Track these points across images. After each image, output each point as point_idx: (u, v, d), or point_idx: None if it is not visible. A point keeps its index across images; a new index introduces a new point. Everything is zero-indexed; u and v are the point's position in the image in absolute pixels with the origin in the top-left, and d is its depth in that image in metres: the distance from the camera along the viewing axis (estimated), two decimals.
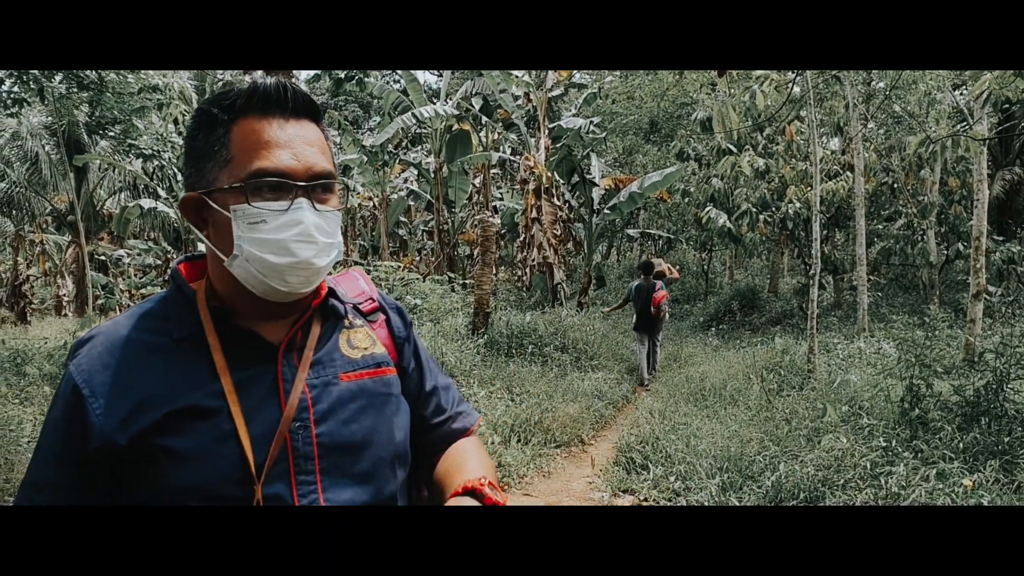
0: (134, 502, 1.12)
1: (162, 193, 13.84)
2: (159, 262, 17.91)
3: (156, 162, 13.72)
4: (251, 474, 1.12)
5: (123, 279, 16.02)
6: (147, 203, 13.04)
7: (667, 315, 11.99)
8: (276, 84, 1.19)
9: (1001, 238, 16.54)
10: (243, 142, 1.15)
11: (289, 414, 1.16)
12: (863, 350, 10.58)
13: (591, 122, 16.12)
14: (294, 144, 1.17)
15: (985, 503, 4.56)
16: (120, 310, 13.87)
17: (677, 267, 21.33)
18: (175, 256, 16.41)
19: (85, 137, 15.62)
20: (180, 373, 1.14)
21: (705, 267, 25.36)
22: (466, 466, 1.36)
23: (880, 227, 17.54)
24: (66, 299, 19.55)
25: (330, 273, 1.33)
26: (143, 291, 15.52)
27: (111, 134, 12.08)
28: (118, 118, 10.90)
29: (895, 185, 16.88)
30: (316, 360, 1.23)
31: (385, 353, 1.34)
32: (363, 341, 1.32)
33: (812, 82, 10.71)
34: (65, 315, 19.10)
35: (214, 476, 1.11)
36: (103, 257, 19.01)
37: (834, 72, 11.91)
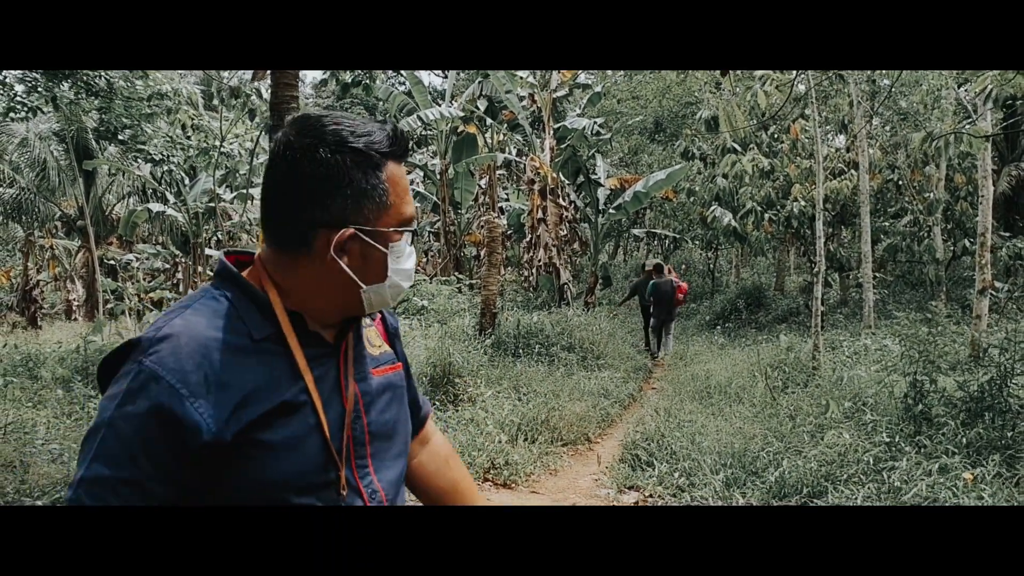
0: (221, 497, 1.20)
1: (170, 197, 13.95)
2: (167, 266, 18.03)
3: (165, 167, 13.84)
4: (334, 460, 1.27)
5: (132, 283, 16.12)
6: (156, 207, 13.15)
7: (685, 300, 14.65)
8: (402, 132, 1.34)
9: (1008, 234, 16.53)
10: (395, 188, 1.30)
11: (349, 407, 1.32)
12: (868, 347, 10.61)
13: (595, 122, 16.18)
14: (409, 189, 1.37)
15: (985, 496, 4.61)
16: (129, 314, 13.95)
17: (684, 279, 21.67)
18: (183, 260, 16.55)
19: (93, 143, 15.74)
20: (268, 372, 1.24)
21: (711, 266, 25.41)
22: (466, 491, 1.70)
23: (886, 224, 17.53)
24: (76, 303, 19.69)
25: None
26: (152, 295, 15.63)
27: (120, 139, 12.20)
28: (127, 124, 11.01)
29: (900, 182, 16.85)
30: (356, 358, 1.38)
31: (390, 350, 1.51)
32: (376, 339, 1.48)
33: (815, 80, 10.77)
34: (75, 319, 19.22)
35: (305, 465, 1.24)
36: (112, 261, 19.14)
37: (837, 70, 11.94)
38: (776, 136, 17.33)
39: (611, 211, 16.81)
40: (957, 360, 9.17)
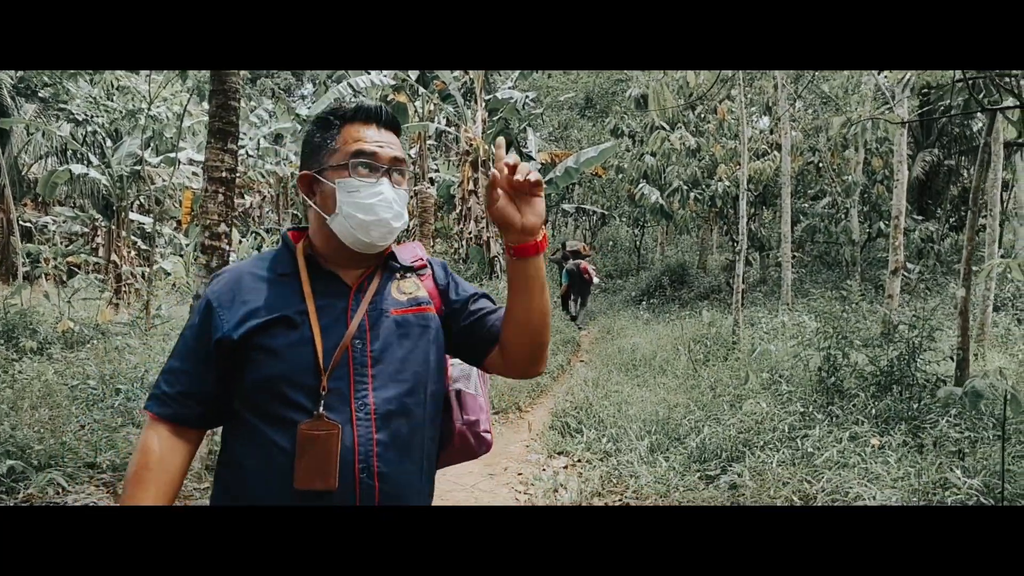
0: (235, 388, 1.60)
1: (93, 159, 13.46)
2: (87, 230, 17.43)
3: (88, 127, 13.34)
4: (320, 369, 1.55)
5: (49, 246, 15.58)
6: (77, 169, 12.68)
7: (594, 279, 16.94)
8: (376, 104, 1.69)
9: (920, 217, 17.25)
10: (348, 137, 1.65)
11: (351, 332, 1.59)
12: (785, 323, 11.03)
13: (528, 96, 16.21)
14: (382, 141, 1.67)
15: (891, 462, 4.91)
16: (46, 279, 13.51)
17: (610, 256, 22.10)
18: (104, 224, 16.02)
19: (8, 100, 15.07)
20: (278, 295, 1.62)
21: (637, 243, 25.81)
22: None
23: (805, 206, 18.07)
24: None
25: (397, 243, 1.80)
26: (70, 259, 15.12)
27: (40, 96, 11.71)
28: (47, 82, 10.59)
29: (821, 164, 17.37)
30: (375, 299, 1.67)
31: (427, 296, 1.75)
32: (410, 288, 1.74)
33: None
34: None
35: (294, 368, 1.55)
36: (28, 224, 18.41)
37: None
38: (703, 116, 17.69)
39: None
40: (869, 337, 9.63)
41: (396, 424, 1.59)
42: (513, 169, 1.54)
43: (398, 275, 1.75)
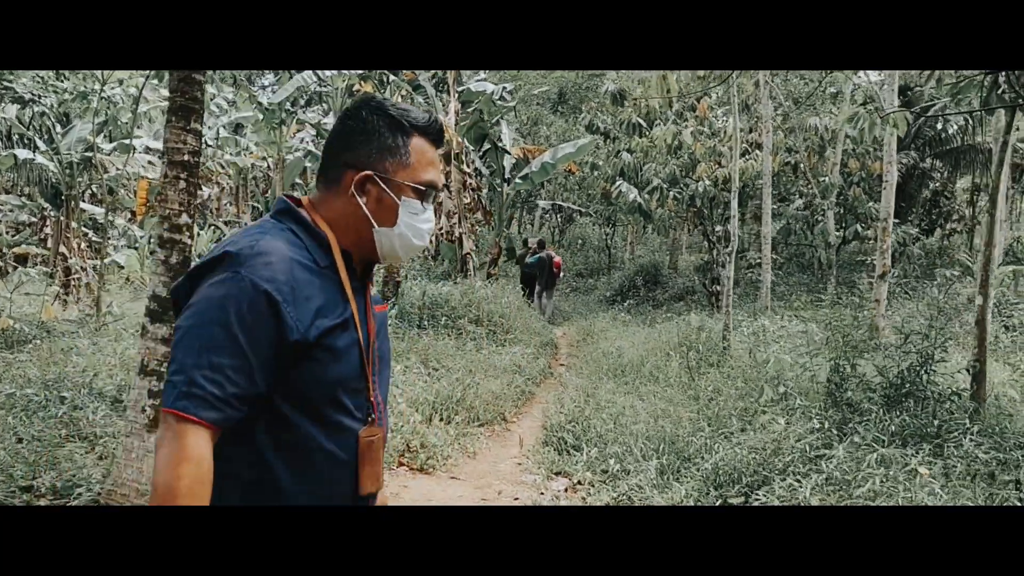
0: (293, 391, 1.46)
1: (40, 144, 12.55)
2: (35, 219, 16.44)
3: (36, 108, 12.43)
4: (366, 371, 1.56)
5: None
6: (23, 154, 11.75)
7: (561, 275, 17.85)
8: (440, 122, 1.64)
9: (896, 220, 17.07)
10: (420, 156, 1.60)
11: (372, 333, 1.61)
12: (767, 327, 10.63)
13: (504, 87, 15.65)
14: (439, 167, 1.66)
15: (940, 492, 4.44)
16: None
17: (579, 255, 22.34)
18: (53, 214, 15.04)
19: None
20: (330, 292, 1.52)
21: (608, 242, 25.40)
22: None
23: (777, 207, 17.81)
24: None
25: None
26: (16, 250, 14.23)
27: None
28: None
29: (800, 165, 17.12)
30: (372, 296, 1.68)
31: (377, 292, 1.85)
32: (373, 284, 1.75)
33: None
34: None
35: (351, 370, 1.52)
36: None
37: None
38: (680, 114, 17.26)
39: (518, 180, 16.35)
40: (874, 345, 9.25)
41: (387, 420, 1.68)
42: None
43: None
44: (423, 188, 1.60)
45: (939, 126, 19.15)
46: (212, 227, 18.91)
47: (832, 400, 6.34)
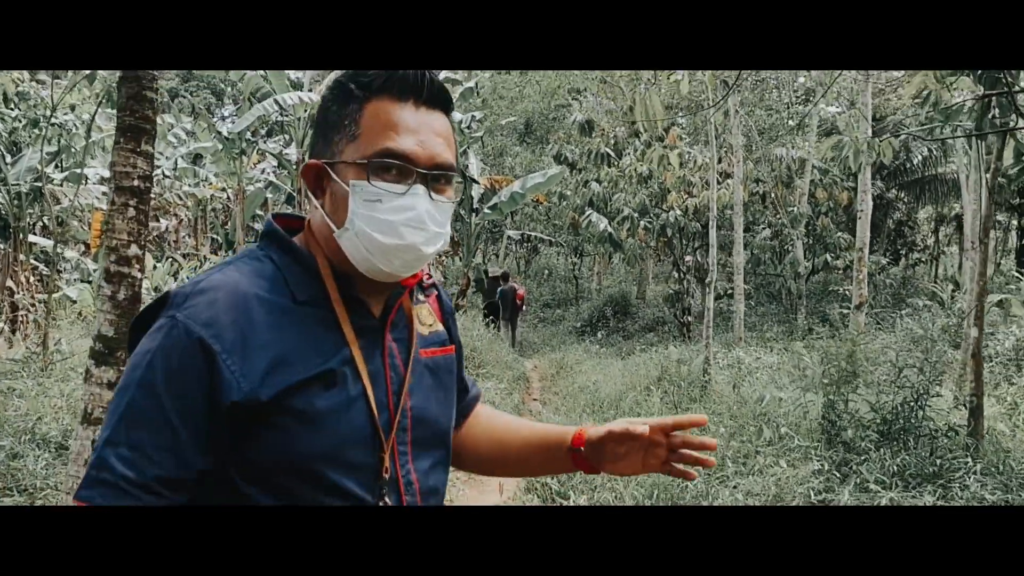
0: (255, 472, 1.11)
1: None
2: None
3: None
4: (380, 438, 1.17)
5: None
6: None
7: (524, 307, 18.53)
8: (424, 76, 1.20)
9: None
10: (374, 120, 1.17)
11: (406, 386, 1.23)
12: (743, 359, 10.38)
13: (473, 116, 15.43)
14: (422, 131, 1.18)
15: None
16: None
17: (545, 285, 22.58)
18: (1, 247, 14.41)
19: None
20: (310, 335, 1.15)
21: (575, 272, 25.21)
22: (534, 424, 1.53)
23: (746, 237, 17.74)
24: None
25: None
26: None
27: None
28: None
29: (771, 195, 17.11)
30: (404, 336, 1.27)
31: (443, 330, 1.38)
32: (427, 318, 1.35)
33: (710, 84, 10.43)
34: None
35: (341, 441, 1.14)
36: None
37: (724, 76, 11.62)
38: (649, 144, 17.16)
39: (486, 211, 16.06)
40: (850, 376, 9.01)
41: (434, 503, 1.28)
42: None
43: (418, 300, 1.37)
44: (376, 161, 1.15)
45: (903, 156, 19.30)
46: (170, 259, 18.35)
47: (827, 439, 6.06)
